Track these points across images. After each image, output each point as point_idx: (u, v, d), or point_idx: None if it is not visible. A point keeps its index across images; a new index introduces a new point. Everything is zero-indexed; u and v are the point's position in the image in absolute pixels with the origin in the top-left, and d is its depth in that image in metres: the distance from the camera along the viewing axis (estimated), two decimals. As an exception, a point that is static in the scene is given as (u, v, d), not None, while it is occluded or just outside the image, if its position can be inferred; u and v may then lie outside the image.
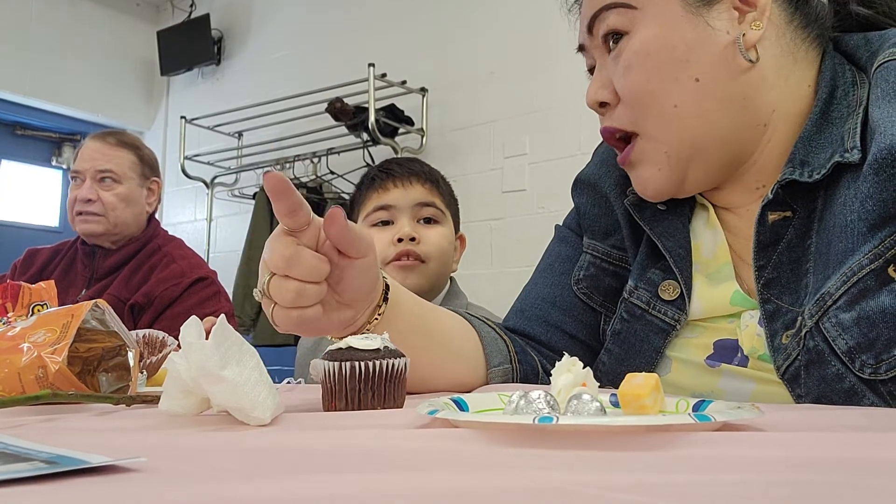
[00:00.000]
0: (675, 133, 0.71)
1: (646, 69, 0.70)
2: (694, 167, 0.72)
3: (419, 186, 1.36)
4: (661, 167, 0.73)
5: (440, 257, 1.35)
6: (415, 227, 1.34)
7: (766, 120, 0.71)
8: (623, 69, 0.71)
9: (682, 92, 0.69)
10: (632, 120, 0.73)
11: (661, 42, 0.70)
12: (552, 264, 0.88)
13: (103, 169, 1.81)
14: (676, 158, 0.72)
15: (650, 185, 0.74)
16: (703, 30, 0.69)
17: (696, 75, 0.69)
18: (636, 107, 0.72)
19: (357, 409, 0.57)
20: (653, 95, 0.70)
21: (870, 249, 0.60)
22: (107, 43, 4.26)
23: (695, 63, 0.69)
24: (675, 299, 0.74)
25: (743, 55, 0.68)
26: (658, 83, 0.70)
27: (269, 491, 0.29)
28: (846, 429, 0.44)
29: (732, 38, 0.69)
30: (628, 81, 0.71)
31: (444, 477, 0.31)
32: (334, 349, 0.58)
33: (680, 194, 0.76)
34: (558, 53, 2.78)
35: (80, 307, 0.69)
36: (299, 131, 3.44)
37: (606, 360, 0.79)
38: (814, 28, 0.72)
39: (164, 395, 0.52)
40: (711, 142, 0.71)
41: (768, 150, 0.72)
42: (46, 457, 0.33)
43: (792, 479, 0.30)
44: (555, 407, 0.44)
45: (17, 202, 4.14)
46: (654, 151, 0.72)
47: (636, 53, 0.70)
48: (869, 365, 0.59)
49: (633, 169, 0.76)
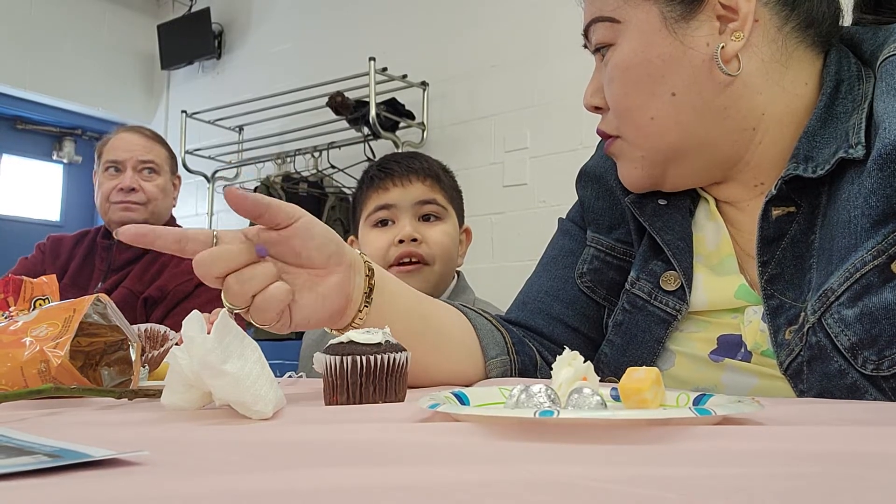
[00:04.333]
0: (651, 142, 0.73)
1: (624, 83, 0.72)
2: (673, 168, 0.74)
3: (419, 184, 1.35)
4: (636, 166, 0.76)
5: (444, 256, 1.34)
6: (416, 226, 1.33)
7: (753, 124, 0.71)
8: (607, 80, 0.74)
9: (658, 105, 0.71)
10: (616, 126, 0.76)
11: (639, 57, 0.71)
12: (555, 257, 0.88)
13: (145, 160, 1.85)
14: (653, 161, 0.74)
15: (628, 178, 0.78)
16: (679, 46, 0.69)
17: (672, 90, 0.70)
18: (617, 115, 0.75)
19: (358, 402, 0.57)
20: (630, 108, 0.73)
21: (873, 245, 0.60)
22: (107, 37, 4.25)
23: (671, 78, 0.70)
24: (676, 290, 0.74)
25: (721, 69, 0.68)
26: (635, 97, 0.72)
27: (270, 484, 0.29)
28: (847, 422, 0.44)
29: (711, 53, 0.69)
30: (610, 93, 0.74)
31: (446, 470, 0.31)
32: (336, 343, 0.58)
33: (663, 189, 0.77)
34: (559, 47, 2.78)
35: (82, 301, 0.69)
36: (300, 125, 3.44)
37: (608, 351, 0.79)
38: (815, 28, 0.71)
39: (166, 390, 0.52)
40: (690, 148, 0.72)
41: (761, 151, 0.72)
42: (49, 450, 0.33)
43: (792, 473, 0.30)
44: (556, 401, 0.45)
45: (18, 196, 4.14)
46: (631, 152, 0.76)
47: (616, 67, 0.72)
48: (871, 361, 0.59)
49: (616, 161, 0.79)
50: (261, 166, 3.65)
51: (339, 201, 3.38)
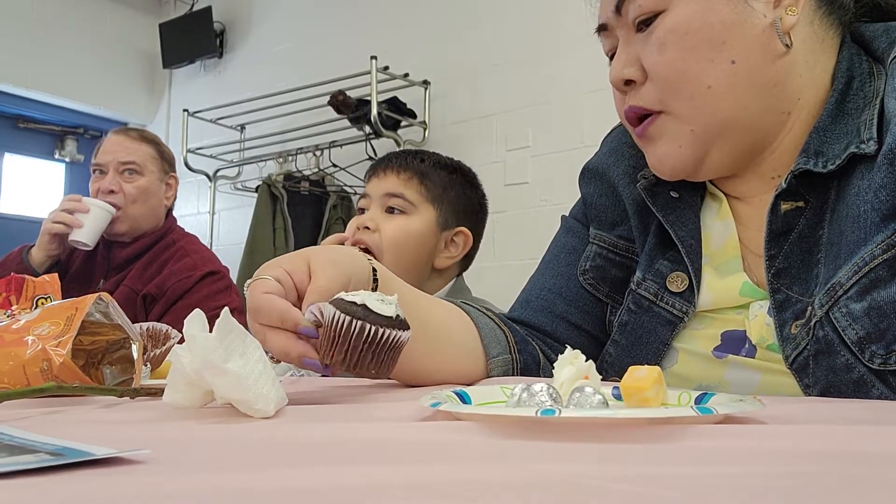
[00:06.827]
0: (704, 114, 0.70)
1: (681, 48, 0.68)
2: (717, 149, 0.71)
3: (393, 177, 1.37)
4: (682, 145, 0.71)
5: (395, 249, 1.33)
6: (378, 216, 1.35)
7: (790, 108, 0.70)
8: (657, 47, 0.70)
9: (717, 73, 0.68)
10: (660, 98, 0.71)
11: (699, 21, 0.68)
12: (558, 255, 0.88)
13: (126, 161, 1.86)
14: (702, 138, 0.70)
15: (667, 161, 0.73)
16: (743, 11, 0.68)
17: (732, 57, 0.68)
18: (666, 85, 0.70)
19: (353, 368, 0.57)
20: (687, 75, 0.69)
21: (882, 240, 0.60)
22: (109, 36, 4.25)
23: (732, 44, 0.68)
24: (683, 291, 0.74)
25: (780, 39, 0.67)
26: (693, 63, 0.68)
27: (272, 482, 0.29)
28: (849, 422, 0.44)
29: (770, 21, 0.68)
30: (663, 59, 0.69)
31: (447, 469, 0.31)
32: (348, 301, 0.57)
33: (695, 176, 0.74)
34: (561, 46, 2.77)
35: (84, 300, 0.69)
36: (302, 124, 3.44)
37: (613, 351, 0.79)
38: (837, 15, 0.72)
39: (168, 388, 0.52)
40: (739, 125, 0.70)
41: (788, 139, 0.71)
42: (52, 449, 0.33)
43: (794, 472, 0.30)
44: (557, 400, 0.45)
45: (20, 195, 4.15)
46: (678, 129, 0.71)
47: (672, 31, 0.69)
48: (879, 355, 0.59)
49: (651, 143, 0.74)
50: (262, 165, 3.65)
51: (341, 200, 3.38)
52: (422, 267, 1.38)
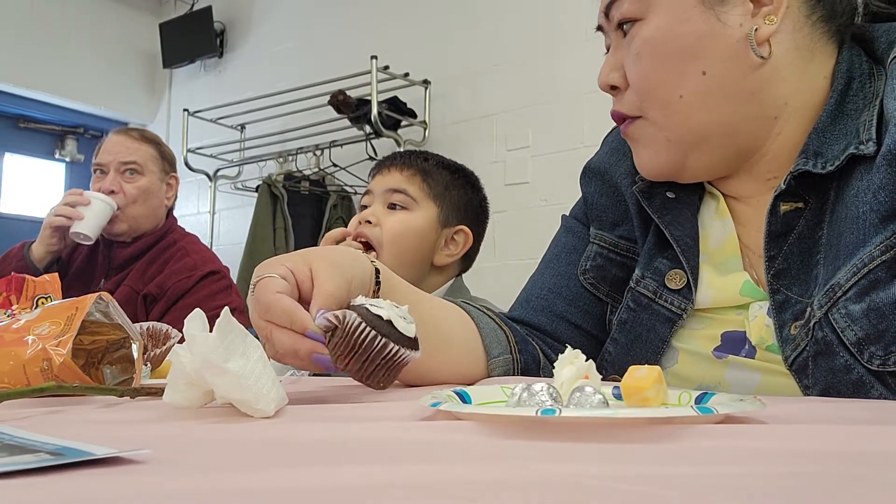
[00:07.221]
0: (677, 123, 0.71)
1: (655, 58, 0.70)
2: (695, 155, 0.72)
3: (396, 174, 1.38)
4: (658, 151, 0.73)
5: (395, 243, 1.34)
6: (380, 211, 1.36)
7: (776, 113, 0.70)
8: (633, 56, 0.72)
9: (689, 84, 0.69)
10: (639, 105, 0.73)
11: (672, 33, 0.69)
12: (558, 255, 0.88)
13: (126, 161, 1.86)
14: (677, 145, 0.72)
15: (647, 164, 0.75)
16: (715, 23, 0.68)
17: (703, 68, 0.69)
18: (642, 94, 0.72)
19: (363, 378, 0.57)
20: (660, 85, 0.71)
21: (881, 241, 0.60)
22: (109, 35, 4.25)
23: (703, 56, 0.69)
24: (681, 288, 0.74)
25: (754, 51, 0.68)
26: (665, 73, 0.70)
27: (272, 482, 0.29)
28: (848, 421, 0.44)
29: (744, 33, 0.68)
30: (637, 69, 0.72)
31: (447, 469, 0.31)
32: (375, 314, 0.56)
33: (680, 179, 0.76)
34: (561, 45, 2.78)
35: (84, 300, 0.69)
36: (302, 124, 3.44)
37: (612, 349, 0.79)
38: (836, 21, 0.71)
39: (168, 388, 0.52)
40: (715, 132, 0.71)
41: (780, 142, 0.71)
42: (52, 448, 0.33)
43: (794, 472, 0.30)
44: (557, 399, 0.45)
45: (20, 195, 4.15)
46: (655, 135, 0.73)
47: (647, 42, 0.70)
48: (878, 356, 0.59)
49: (635, 145, 0.76)
50: (262, 165, 3.65)
51: (341, 200, 3.38)
52: (421, 263, 1.38)
